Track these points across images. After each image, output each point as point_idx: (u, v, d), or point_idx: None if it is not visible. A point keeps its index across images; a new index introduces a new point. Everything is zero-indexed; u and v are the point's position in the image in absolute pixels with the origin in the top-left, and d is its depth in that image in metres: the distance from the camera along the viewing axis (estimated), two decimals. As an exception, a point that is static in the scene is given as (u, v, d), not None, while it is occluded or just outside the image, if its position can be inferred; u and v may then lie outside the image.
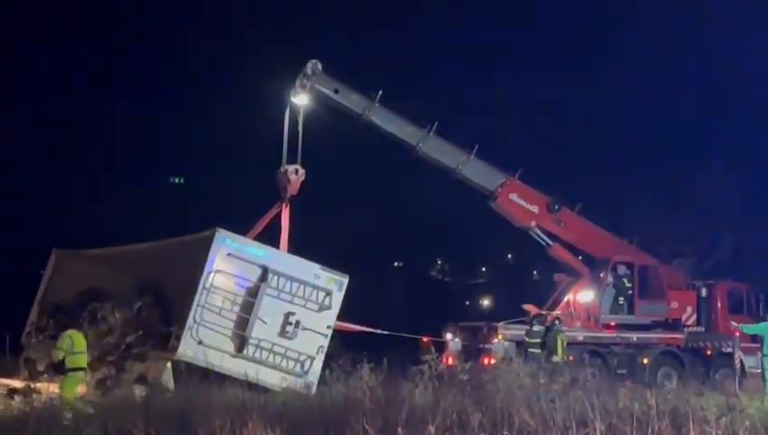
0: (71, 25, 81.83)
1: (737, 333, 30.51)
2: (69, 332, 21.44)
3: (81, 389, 22.25)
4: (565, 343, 29.13)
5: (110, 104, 72.21)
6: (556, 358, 28.02)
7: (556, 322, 29.87)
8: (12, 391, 23.86)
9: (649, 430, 12.89)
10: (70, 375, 21.19)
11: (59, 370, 21.41)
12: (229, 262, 24.13)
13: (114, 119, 71.09)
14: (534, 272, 63.38)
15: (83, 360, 21.53)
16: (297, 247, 26.97)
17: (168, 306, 24.76)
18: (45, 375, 25.62)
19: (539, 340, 29.63)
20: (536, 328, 30.10)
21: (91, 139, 71.98)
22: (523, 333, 30.26)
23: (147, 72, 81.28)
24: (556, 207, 32.51)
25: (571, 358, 29.63)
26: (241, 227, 26.14)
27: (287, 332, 24.47)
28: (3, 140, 66.48)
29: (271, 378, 23.95)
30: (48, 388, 23.99)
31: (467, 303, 75.61)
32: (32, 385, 24.32)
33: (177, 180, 79.97)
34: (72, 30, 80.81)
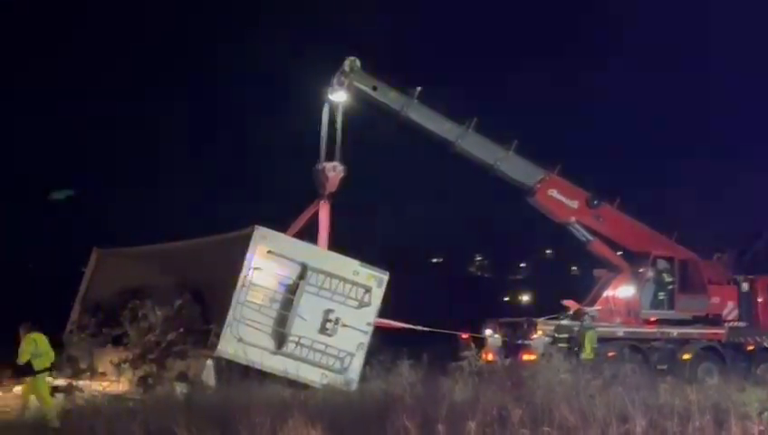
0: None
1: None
2: (32, 334, 21.48)
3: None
4: (595, 340, 28.90)
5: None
6: (584, 355, 27.80)
7: (585, 318, 29.64)
8: (54, 389, 24.03)
9: (690, 426, 12.85)
10: (38, 377, 21.31)
11: (25, 373, 21.50)
12: (268, 259, 24.19)
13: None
14: (574, 267, 63.23)
15: (48, 361, 21.66)
16: (336, 244, 27.00)
17: (207, 304, 24.89)
18: (87, 373, 25.85)
19: (566, 335, 29.51)
20: (565, 322, 30.00)
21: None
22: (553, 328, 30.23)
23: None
24: (595, 202, 32.29)
25: (611, 354, 29.50)
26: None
27: (327, 329, 24.52)
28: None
29: (311, 375, 24.03)
30: (90, 385, 24.23)
31: (506, 299, 75.44)
32: (74, 383, 24.53)
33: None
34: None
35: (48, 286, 44.00)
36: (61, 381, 24.83)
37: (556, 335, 29.65)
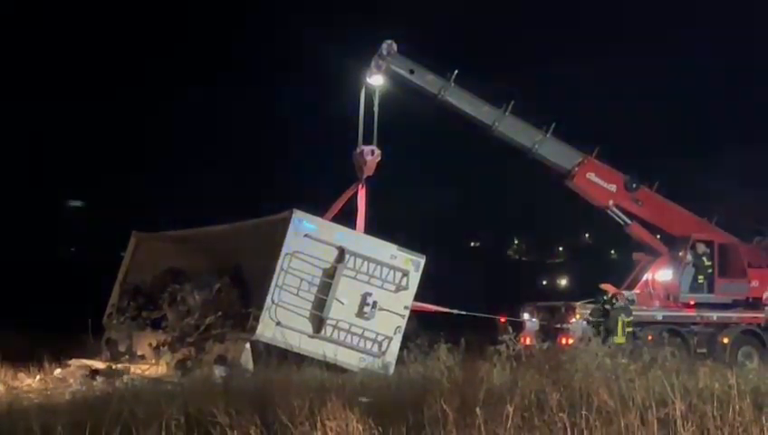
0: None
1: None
2: None
3: None
4: (626, 323, 28.74)
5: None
6: (616, 339, 27.61)
7: (616, 300, 29.42)
8: (94, 372, 24.23)
9: (730, 410, 12.74)
10: None
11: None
12: (306, 243, 24.20)
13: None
14: (612, 251, 63.04)
15: None
16: (373, 228, 27.00)
17: (246, 287, 24.96)
18: (126, 356, 26.00)
19: (600, 318, 29.40)
20: (599, 306, 29.89)
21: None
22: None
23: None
24: (634, 185, 32.17)
25: (649, 337, 29.40)
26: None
27: (364, 312, 24.53)
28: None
29: (349, 358, 24.06)
30: (129, 369, 24.37)
31: (545, 282, 75.35)
32: (113, 366, 24.69)
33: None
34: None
35: (88, 271, 44.33)
36: (100, 365, 25.01)
37: (591, 319, 29.56)
